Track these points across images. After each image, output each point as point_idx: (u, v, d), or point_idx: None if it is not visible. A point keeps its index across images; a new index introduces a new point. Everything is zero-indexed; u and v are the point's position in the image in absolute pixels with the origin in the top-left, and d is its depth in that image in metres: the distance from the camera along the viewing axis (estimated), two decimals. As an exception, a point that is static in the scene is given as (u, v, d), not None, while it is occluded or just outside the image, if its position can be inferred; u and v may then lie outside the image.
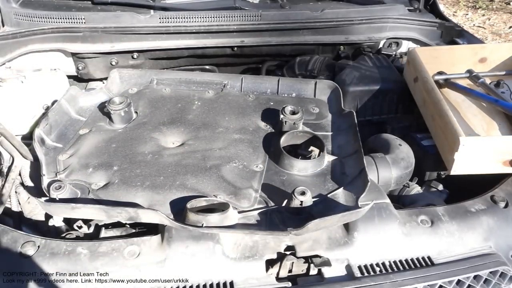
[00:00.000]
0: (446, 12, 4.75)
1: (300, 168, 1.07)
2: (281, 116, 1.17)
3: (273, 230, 0.90)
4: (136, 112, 1.25)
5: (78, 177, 1.02)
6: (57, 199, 0.93)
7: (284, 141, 1.12)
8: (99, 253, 0.85)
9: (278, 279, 0.88)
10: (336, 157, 1.13)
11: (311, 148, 1.16)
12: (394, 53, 1.72)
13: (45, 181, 1.00)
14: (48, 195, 0.95)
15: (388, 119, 1.45)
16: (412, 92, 1.40)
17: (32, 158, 1.14)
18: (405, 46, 1.78)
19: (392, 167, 1.14)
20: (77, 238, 1.00)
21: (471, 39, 1.67)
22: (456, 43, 1.65)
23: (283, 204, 0.95)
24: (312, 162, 1.08)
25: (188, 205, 0.90)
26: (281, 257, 0.87)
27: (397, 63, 1.66)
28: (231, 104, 1.31)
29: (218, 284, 0.84)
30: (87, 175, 1.03)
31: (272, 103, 1.33)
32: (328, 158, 1.12)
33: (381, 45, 1.75)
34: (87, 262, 0.84)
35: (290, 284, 0.87)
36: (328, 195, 1.00)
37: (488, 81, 1.39)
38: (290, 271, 0.88)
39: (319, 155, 1.13)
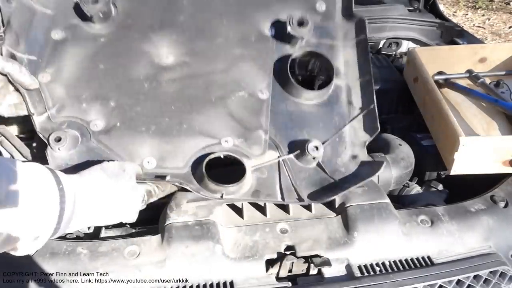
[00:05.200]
0: (446, 12, 4.76)
1: (307, 98, 1.07)
2: (288, 28, 1.09)
3: (290, 198, 0.95)
4: (115, 6, 1.09)
5: (71, 113, 0.96)
6: (59, 150, 0.90)
7: (291, 65, 1.10)
8: (99, 253, 0.85)
9: (278, 279, 0.88)
10: (344, 82, 1.12)
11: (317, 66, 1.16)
12: (394, 53, 1.72)
13: (36, 122, 0.94)
14: (50, 147, 0.91)
15: (388, 119, 1.44)
16: (412, 92, 1.40)
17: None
18: (405, 46, 1.78)
19: (392, 167, 1.14)
20: (77, 238, 1.00)
21: (471, 39, 1.67)
22: (456, 43, 1.65)
23: (295, 153, 1.00)
24: (320, 92, 1.08)
25: (204, 169, 0.92)
26: (281, 257, 0.87)
27: (397, 63, 1.66)
28: None
29: (218, 284, 0.84)
30: (82, 111, 0.96)
31: None
32: (336, 82, 1.10)
33: (381, 45, 1.75)
34: (87, 262, 0.84)
35: (290, 284, 0.87)
36: (336, 135, 1.05)
37: (488, 81, 1.39)
38: (290, 271, 0.88)
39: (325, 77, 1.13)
